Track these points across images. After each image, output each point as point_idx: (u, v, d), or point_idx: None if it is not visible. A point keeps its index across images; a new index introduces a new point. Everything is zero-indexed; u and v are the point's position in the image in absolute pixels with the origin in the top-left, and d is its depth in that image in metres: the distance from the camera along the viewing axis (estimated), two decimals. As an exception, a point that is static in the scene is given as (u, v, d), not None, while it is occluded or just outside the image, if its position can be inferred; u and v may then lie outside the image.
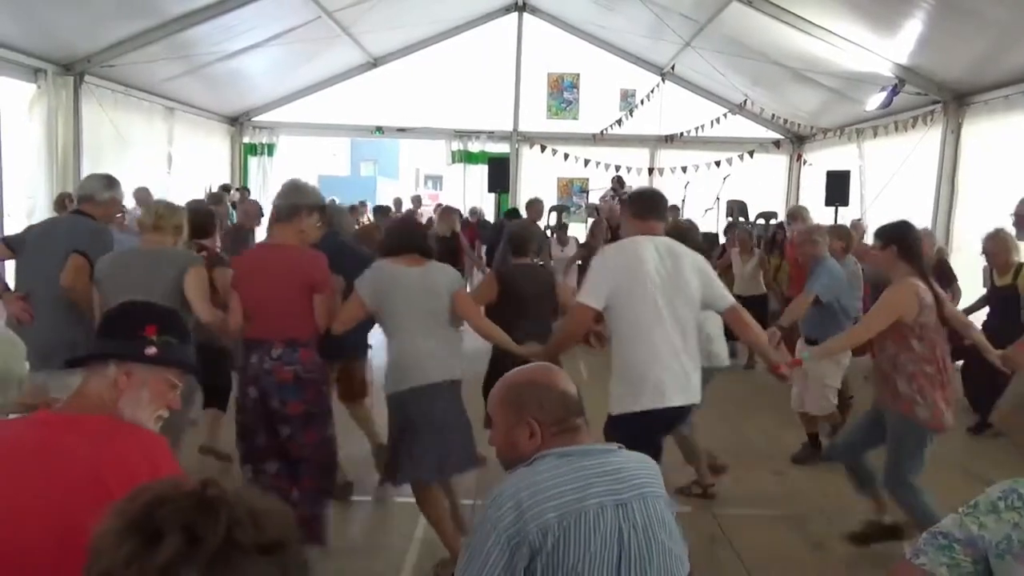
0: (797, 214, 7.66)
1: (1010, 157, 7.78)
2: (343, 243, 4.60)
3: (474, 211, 12.47)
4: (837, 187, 10.20)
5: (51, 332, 3.69)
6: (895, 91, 8.78)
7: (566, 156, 12.83)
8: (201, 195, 11.72)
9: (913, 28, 7.80)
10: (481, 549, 1.60)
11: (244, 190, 12.18)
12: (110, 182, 4.26)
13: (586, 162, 12.70)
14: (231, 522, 0.86)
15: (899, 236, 3.61)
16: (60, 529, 1.39)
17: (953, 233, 8.47)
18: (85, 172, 8.97)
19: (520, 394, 1.79)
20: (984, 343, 3.86)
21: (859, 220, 8.62)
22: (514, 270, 4.47)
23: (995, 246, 5.77)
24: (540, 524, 1.58)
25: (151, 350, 1.64)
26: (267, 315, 3.34)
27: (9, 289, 4.04)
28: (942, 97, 8.74)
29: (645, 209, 3.42)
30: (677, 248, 3.35)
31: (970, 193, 8.51)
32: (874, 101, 9.23)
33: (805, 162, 13.07)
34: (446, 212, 8.92)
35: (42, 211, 8.40)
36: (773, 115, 12.50)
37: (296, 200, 3.53)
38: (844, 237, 5.82)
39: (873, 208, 10.07)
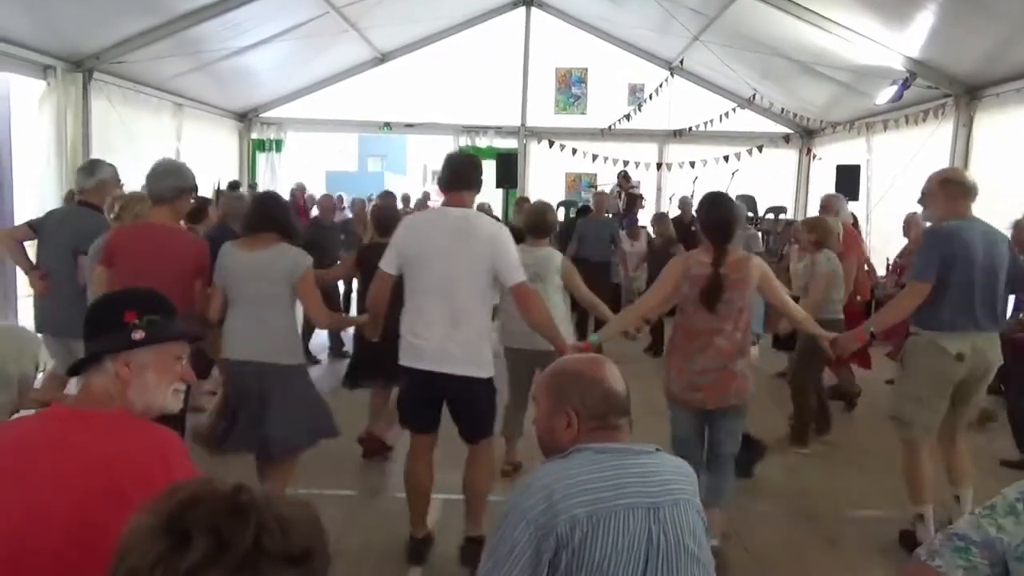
0: (829, 205, 7.01)
1: (1021, 150, 7.71)
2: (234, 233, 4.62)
3: (482, 207, 12.45)
4: (847, 181, 10.12)
5: (69, 306, 4.01)
6: (905, 85, 8.71)
7: (574, 151, 12.80)
8: (209, 192, 11.78)
9: (924, 21, 7.73)
10: (509, 536, 1.60)
11: (252, 186, 12.21)
12: (91, 167, 4.62)
13: (594, 157, 12.67)
14: (260, 528, 0.85)
15: (700, 211, 3.68)
16: (69, 525, 1.38)
17: (964, 227, 8.40)
18: (94, 169, 9.02)
19: (564, 383, 1.80)
20: (809, 326, 3.81)
21: (915, 214, 8.04)
22: (375, 249, 4.52)
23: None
24: (569, 518, 1.57)
25: (138, 334, 1.63)
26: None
27: (35, 267, 4.52)
28: (953, 91, 8.67)
29: (454, 180, 3.49)
30: (475, 220, 3.43)
31: (982, 187, 8.41)
32: (884, 95, 9.16)
33: (815, 156, 13.00)
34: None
35: (51, 207, 8.44)
36: (782, 109, 12.42)
37: (179, 183, 3.57)
38: (816, 230, 5.51)
39: (884, 203, 10.00)
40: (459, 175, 3.50)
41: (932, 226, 3.88)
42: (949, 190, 3.83)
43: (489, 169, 12.71)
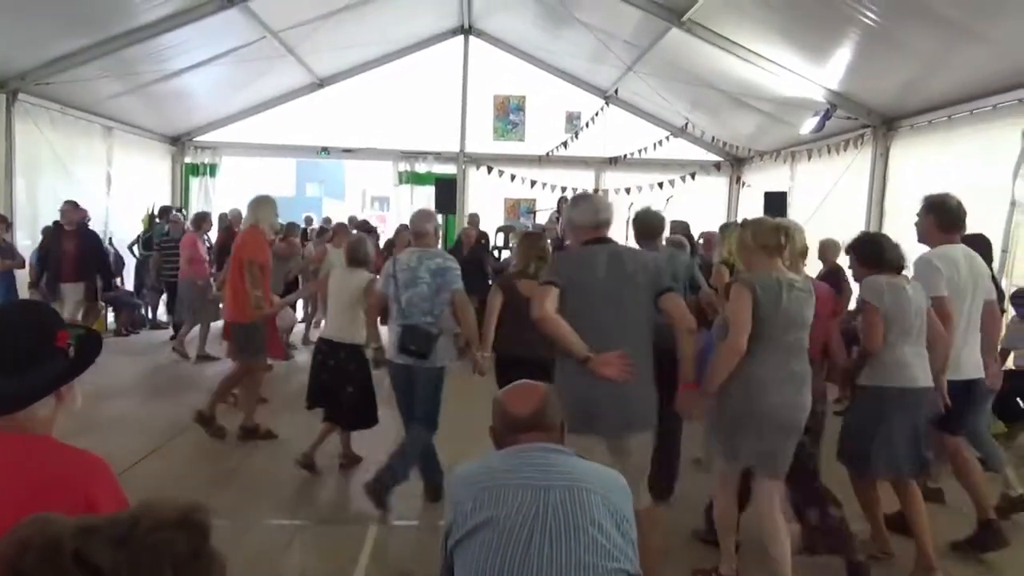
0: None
1: (934, 178, 8.16)
2: None
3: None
4: (775, 207, 10.52)
5: None
6: (827, 116, 9.14)
7: (512, 177, 12.96)
8: (141, 216, 11.49)
9: (843, 56, 8.16)
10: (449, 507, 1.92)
11: (180, 211, 11.92)
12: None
13: (532, 183, 12.85)
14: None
15: None
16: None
17: (884, 251, 8.83)
18: (19, 193, 8.72)
19: (492, 405, 2.13)
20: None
21: (833, 240, 7.85)
22: None
23: None
24: (462, 499, 1.87)
25: (71, 352, 1.58)
26: None
27: None
28: (871, 122, 9.14)
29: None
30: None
31: (898, 213, 8.90)
32: (808, 125, 9.58)
33: (744, 184, 13.45)
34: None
35: (-28, 232, 8.11)
36: (713, 138, 12.84)
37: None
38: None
39: (808, 228, 10.40)
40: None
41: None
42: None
43: (428, 194, 12.83)
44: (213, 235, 10.28)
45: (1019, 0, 5.80)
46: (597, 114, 12.91)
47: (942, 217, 4.01)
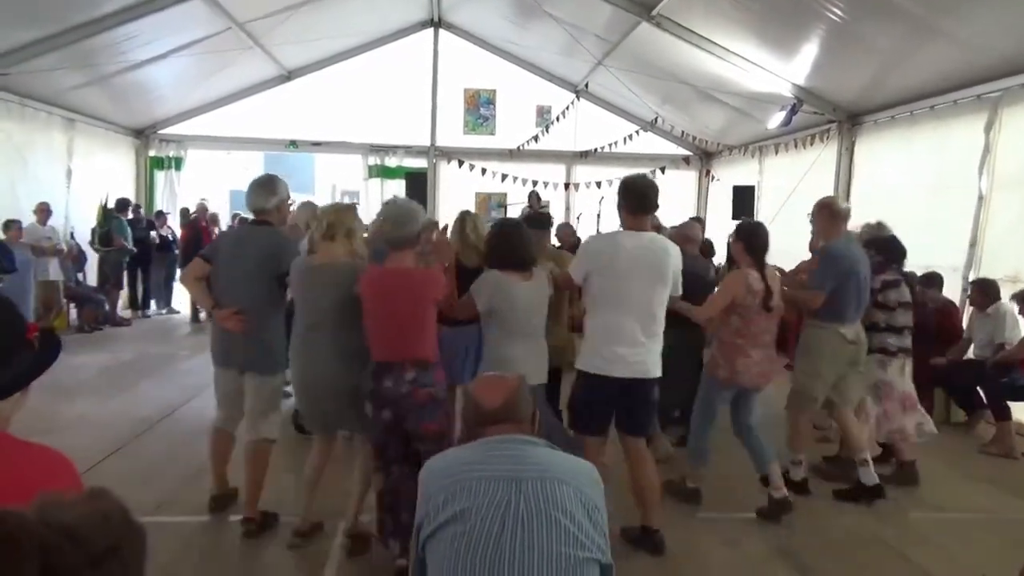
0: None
1: (896, 170, 8.34)
2: None
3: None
4: (743, 201, 10.65)
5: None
6: (793, 111, 9.27)
7: (484, 171, 12.93)
8: (95, 209, 11.25)
9: (809, 52, 8.27)
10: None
11: (137, 207, 11.65)
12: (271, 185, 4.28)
13: (503, 177, 12.84)
14: (44, 550, 0.81)
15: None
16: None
17: (849, 244, 8.98)
18: (-25, 186, 8.49)
19: (463, 397, 2.19)
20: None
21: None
22: None
23: None
24: (433, 493, 1.86)
25: (36, 343, 1.54)
26: None
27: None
28: (837, 117, 9.28)
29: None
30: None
31: (863, 206, 9.05)
32: (775, 120, 9.71)
33: (713, 178, 13.58)
34: None
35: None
36: (682, 132, 12.95)
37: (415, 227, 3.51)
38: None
39: (776, 221, 10.54)
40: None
41: (826, 245, 4.54)
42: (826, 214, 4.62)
43: (399, 188, 12.75)
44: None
45: (979, -3, 5.93)
46: (568, 108, 12.94)
47: (627, 199, 3.73)
